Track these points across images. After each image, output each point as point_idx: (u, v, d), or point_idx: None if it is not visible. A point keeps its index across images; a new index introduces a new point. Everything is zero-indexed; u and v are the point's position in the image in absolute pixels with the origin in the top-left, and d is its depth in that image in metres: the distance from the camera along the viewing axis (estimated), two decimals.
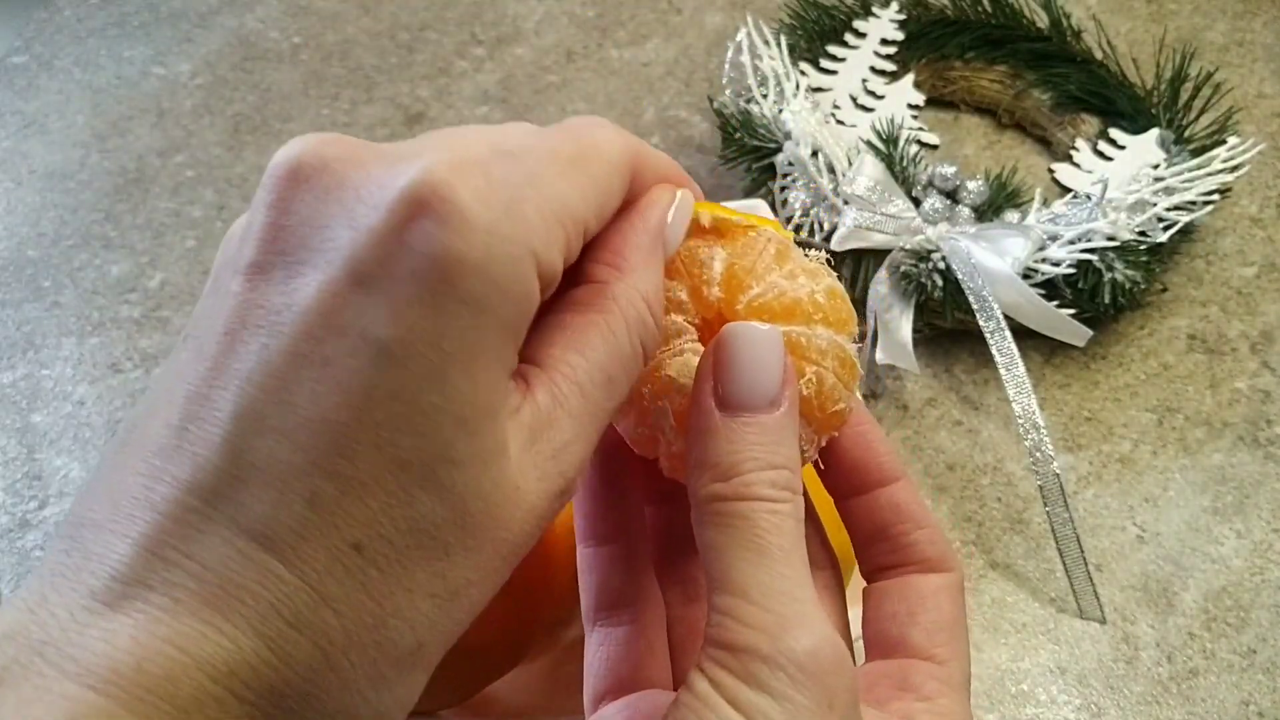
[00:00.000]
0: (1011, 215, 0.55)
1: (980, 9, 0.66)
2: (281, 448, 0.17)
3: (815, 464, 0.26)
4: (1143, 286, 0.54)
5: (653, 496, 0.27)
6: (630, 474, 0.26)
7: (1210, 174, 0.56)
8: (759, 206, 0.52)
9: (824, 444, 0.25)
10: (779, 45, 0.60)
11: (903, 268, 0.52)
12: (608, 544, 0.26)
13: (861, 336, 0.55)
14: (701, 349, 0.24)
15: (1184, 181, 0.56)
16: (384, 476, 0.17)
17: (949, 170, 0.55)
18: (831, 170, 0.54)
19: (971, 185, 0.55)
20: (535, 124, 0.23)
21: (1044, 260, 0.52)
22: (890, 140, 0.56)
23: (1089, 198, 0.53)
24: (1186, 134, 0.60)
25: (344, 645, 0.17)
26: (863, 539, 0.26)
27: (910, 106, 0.64)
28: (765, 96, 0.58)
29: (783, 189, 0.55)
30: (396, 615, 0.17)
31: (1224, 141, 0.58)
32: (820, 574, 0.26)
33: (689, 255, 0.24)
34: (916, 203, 0.54)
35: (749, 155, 0.57)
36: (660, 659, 0.26)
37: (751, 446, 0.21)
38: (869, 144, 0.56)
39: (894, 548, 0.26)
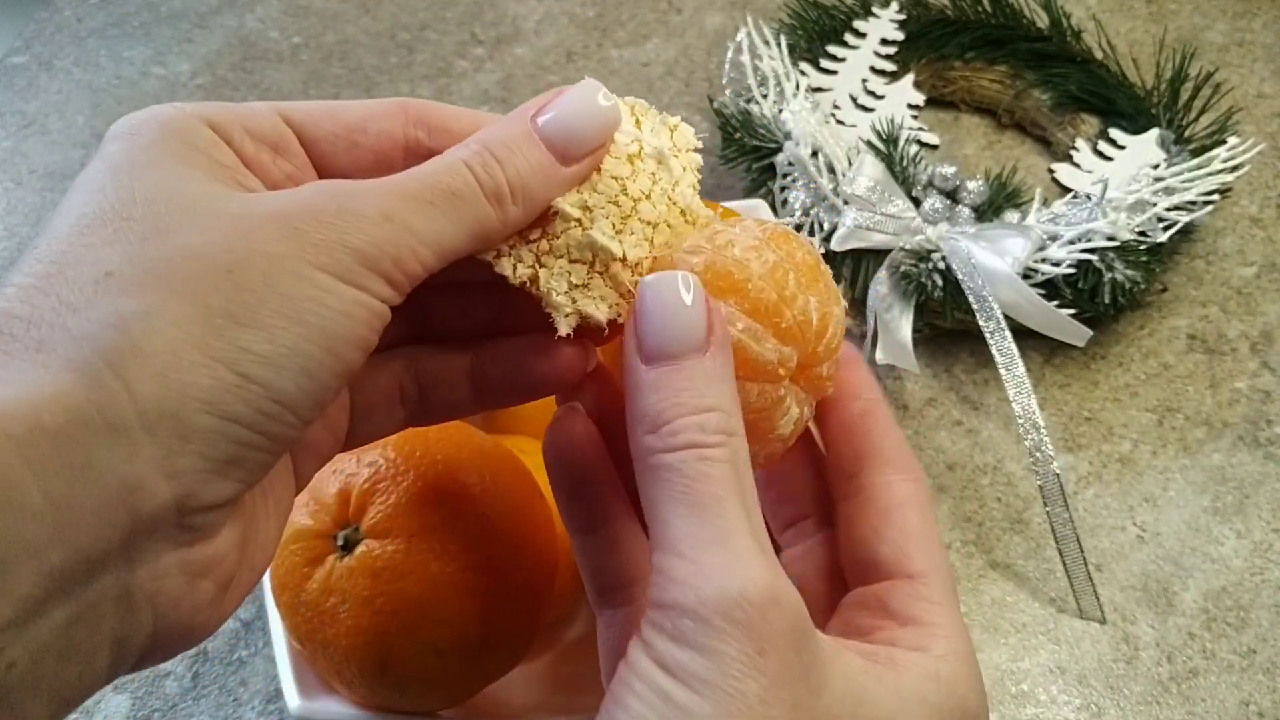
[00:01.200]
0: (1011, 215, 0.55)
1: (980, 9, 0.66)
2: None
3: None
4: (1143, 286, 0.54)
5: (628, 481, 0.27)
6: (599, 466, 0.26)
7: (1210, 174, 0.56)
8: (759, 208, 0.52)
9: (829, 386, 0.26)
10: (779, 45, 0.60)
11: (903, 268, 0.52)
12: (594, 532, 0.26)
13: (861, 336, 0.55)
14: (804, 401, 0.24)
15: (1184, 181, 0.56)
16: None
17: (949, 170, 0.55)
18: (831, 170, 0.54)
19: (971, 185, 0.55)
20: None
21: (1044, 260, 0.52)
22: (890, 140, 0.56)
23: (1089, 198, 0.53)
24: (1186, 134, 0.60)
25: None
26: (833, 444, 0.27)
27: (910, 106, 0.64)
28: (765, 96, 0.58)
29: (783, 189, 0.55)
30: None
31: (1224, 141, 0.58)
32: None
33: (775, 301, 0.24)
34: (916, 203, 0.54)
35: (749, 155, 0.57)
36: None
37: (678, 393, 0.21)
38: (869, 144, 0.56)
39: (862, 451, 0.26)
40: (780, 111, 0.57)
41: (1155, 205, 0.54)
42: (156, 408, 0.17)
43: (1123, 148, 0.60)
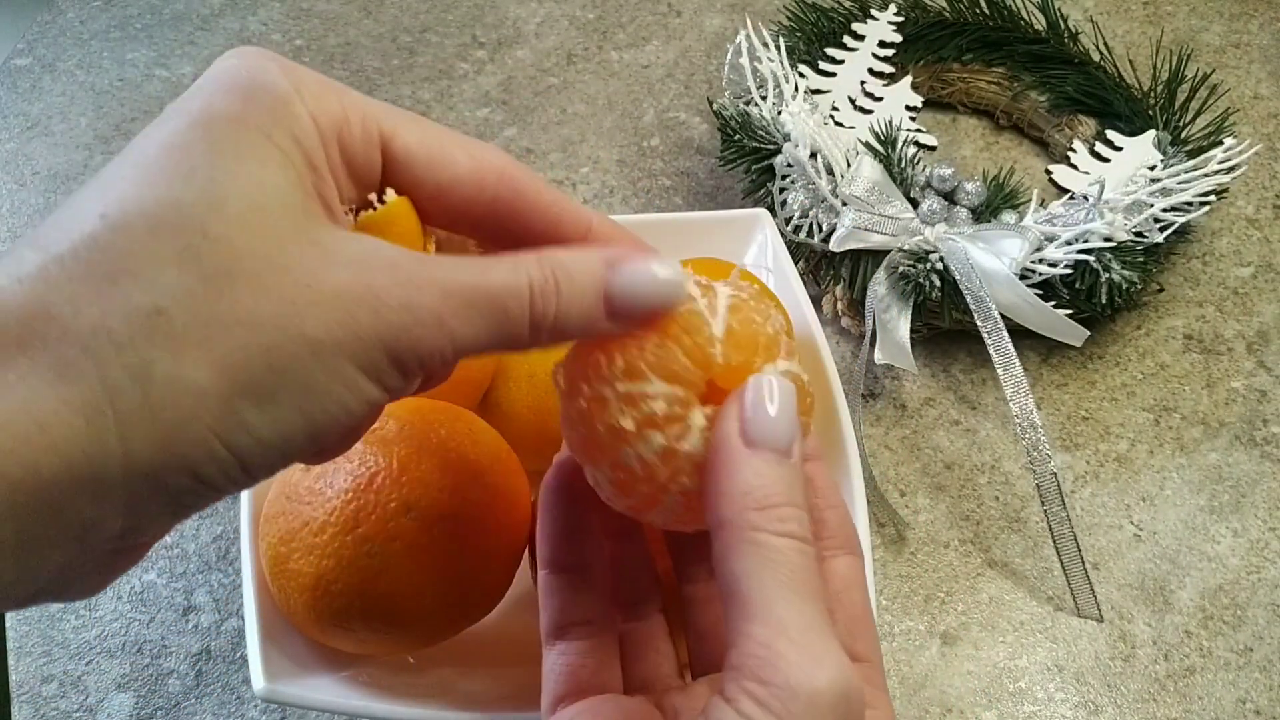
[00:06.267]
0: (1009, 216, 0.55)
1: (978, 11, 0.66)
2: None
3: None
4: (1139, 287, 0.54)
5: (610, 532, 0.28)
6: (592, 512, 0.28)
7: (1206, 175, 0.56)
8: (761, 217, 0.53)
9: None
10: (778, 47, 0.60)
11: (901, 268, 0.52)
12: (569, 572, 0.28)
13: (860, 337, 0.56)
14: (708, 418, 0.24)
15: (1180, 183, 0.56)
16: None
17: (947, 171, 0.55)
18: (830, 171, 0.54)
19: (969, 186, 0.56)
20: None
21: (1041, 261, 0.52)
22: (888, 142, 0.56)
23: (1086, 199, 0.54)
24: (1183, 135, 0.60)
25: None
26: None
27: (908, 108, 0.64)
28: (764, 98, 0.59)
29: (782, 190, 0.56)
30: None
31: (1220, 143, 0.58)
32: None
33: (685, 320, 0.24)
34: (914, 204, 0.55)
35: (748, 157, 0.57)
36: (614, 668, 0.28)
37: (777, 483, 0.22)
38: (867, 145, 0.56)
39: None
40: (779, 113, 0.58)
41: (1152, 206, 0.55)
42: (144, 471, 0.18)
43: (1120, 149, 0.61)
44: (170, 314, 0.18)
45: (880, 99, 0.64)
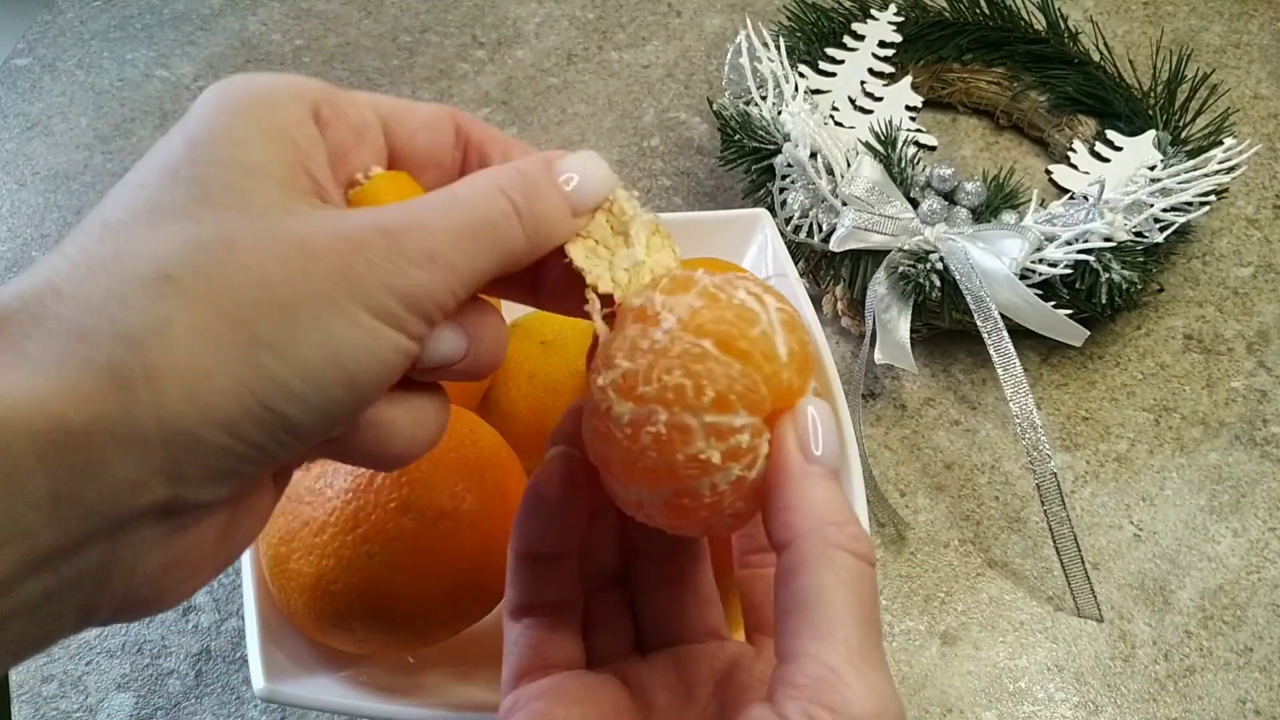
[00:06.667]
0: (1009, 216, 0.55)
1: (978, 11, 0.66)
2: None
3: None
4: (1139, 287, 0.54)
5: (592, 512, 0.28)
6: (579, 510, 0.28)
7: (1206, 175, 0.56)
8: (761, 217, 0.53)
9: None
10: (778, 47, 0.60)
11: (901, 268, 0.52)
12: (548, 561, 0.28)
13: (860, 337, 0.56)
14: (769, 443, 0.24)
15: (1180, 183, 0.56)
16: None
17: (947, 171, 0.55)
18: (830, 171, 0.54)
19: (969, 186, 0.56)
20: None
21: (1041, 261, 0.52)
22: (888, 142, 0.56)
23: (1086, 199, 0.54)
24: (1183, 135, 0.60)
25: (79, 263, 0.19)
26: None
27: (908, 108, 0.64)
28: (764, 98, 0.59)
29: (782, 190, 0.56)
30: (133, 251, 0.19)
31: (1220, 143, 0.58)
32: None
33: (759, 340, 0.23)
34: (914, 204, 0.55)
35: (748, 157, 0.57)
36: (577, 642, 0.28)
37: (841, 499, 0.23)
38: (867, 145, 0.56)
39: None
40: (779, 113, 0.58)
41: (1152, 206, 0.55)
42: (178, 424, 0.18)
43: (1120, 149, 0.61)
44: (179, 279, 0.19)
45: (880, 99, 0.64)
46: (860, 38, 0.66)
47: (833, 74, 0.64)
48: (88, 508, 0.18)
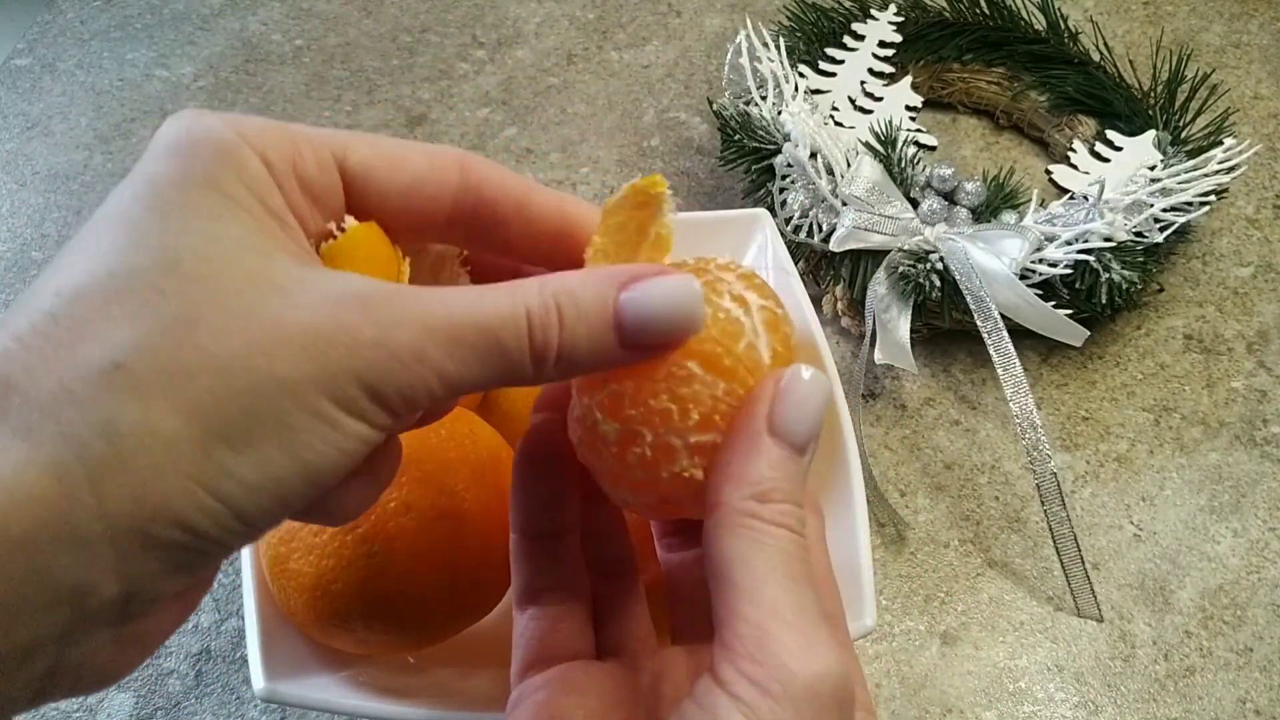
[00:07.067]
0: (1009, 216, 0.55)
1: (978, 11, 0.66)
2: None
3: None
4: (1139, 287, 0.54)
5: (584, 496, 0.28)
6: (566, 481, 0.27)
7: (1206, 175, 0.56)
8: (761, 217, 0.53)
9: None
10: (778, 47, 0.60)
11: (901, 268, 0.52)
12: (542, 538, 0.27)
13: (860, 337, 0.56)
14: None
15: (1180, 183, 0.56)
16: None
17: (947, 171, 0.55)
18: (830, 172, 0.54)
19: (969, 186, 0.56)
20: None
21: (1041, 261, 0.52)
22: (888, 142, 0.56)
23: (1086, 199, 0.54)
24: (1183, 135, 0.60)
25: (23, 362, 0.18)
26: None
27: (908, 108, 0.64)
28: (764, 98, 0.59)
29: (782, 190, 0.56)
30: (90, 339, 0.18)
31: (1220, 143, 0.58)
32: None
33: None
34: (914, 204, 0.55)
35: (748, 157, 0.57)
36: (586, 633, 0.27)
37: (787, 478, 0.22)
38: (867, 145, 0.56)
39: None
40: (779, 113, 0.58)
41: (1152, 206, 0.55)
42: (126, 523, 0.17)
43: (1119, 149, 0.61)
44: (130, 367, 0.18)
45: (880, 99, 0.64)
46: (860, 38, 0.66)
47: (833, 74, 0.64)
48: (34, 612, 0.17)
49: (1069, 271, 0.52)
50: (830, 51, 0.65)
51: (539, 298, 0.20)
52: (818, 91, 0.63)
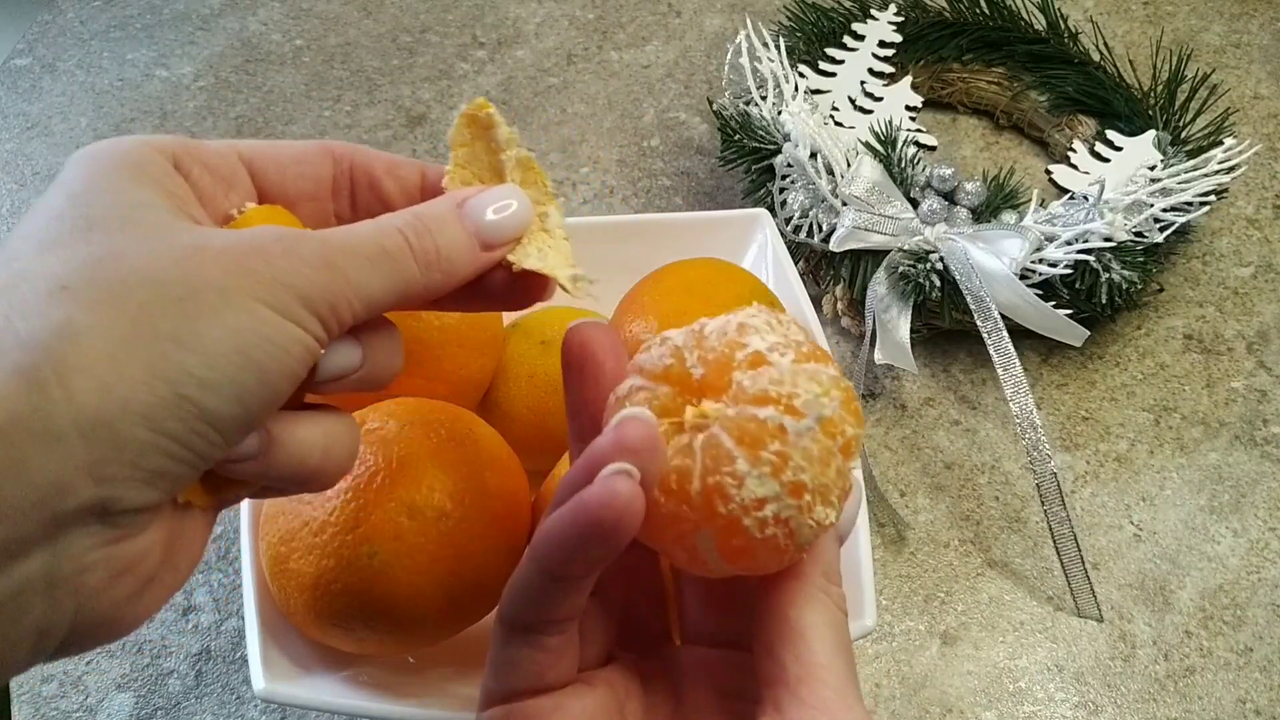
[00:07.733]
0: (1009, 216, 0.55)
1: (978, 11, 0.66)
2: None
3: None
4: (1139, 287, 0.54)
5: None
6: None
7: (1206, 175, 0.56)
8: (761, 217, 0.53)
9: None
10: (778, 47, 0.60)
11: (901, 268, 0.52)
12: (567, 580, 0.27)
13: (860, 337, 0.56)
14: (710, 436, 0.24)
15: (1180, 183, 0.56)
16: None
17: (947, 171, 0.55)
18: (830, 171, 0.54)
19: (969, 186, 0.56)
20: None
21: (1041, 261, 0.52)
22: (888, 142, 0.56)
23: (1086, 199, 0.54)
24: (1183, 135, 0.60)
25: None
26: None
27: (908, 108, 0.64)
28: (764, 98, 0.59)
29: (782, 190, 0.56)
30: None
31: (1220, 143, 0.58)
32: None
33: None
34: (914, 204, 0.55)
35: (748, 157, 0.57)
36: (575, 651, 0.26)
37: (838, 562, 0.26)
38: (867, 145, 0.56)
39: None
40: (779, 113, 0.58)
41: (1152, 206, 0.55)
42: (94, 417, 0.19)
43: (1119, 149, 0.61)
44: (75, 288, 0.19)
45: (880, 99, 0.64)
46: (860, 38, 0.66)
47: (833, 74, 0.64)
48: (14, 509, 0.18)
49: (1069, 271, 0.52)
50: (830, 51, 0.65)
51: (403, 217, 0.24)
52: (818, 91, 0.63)
